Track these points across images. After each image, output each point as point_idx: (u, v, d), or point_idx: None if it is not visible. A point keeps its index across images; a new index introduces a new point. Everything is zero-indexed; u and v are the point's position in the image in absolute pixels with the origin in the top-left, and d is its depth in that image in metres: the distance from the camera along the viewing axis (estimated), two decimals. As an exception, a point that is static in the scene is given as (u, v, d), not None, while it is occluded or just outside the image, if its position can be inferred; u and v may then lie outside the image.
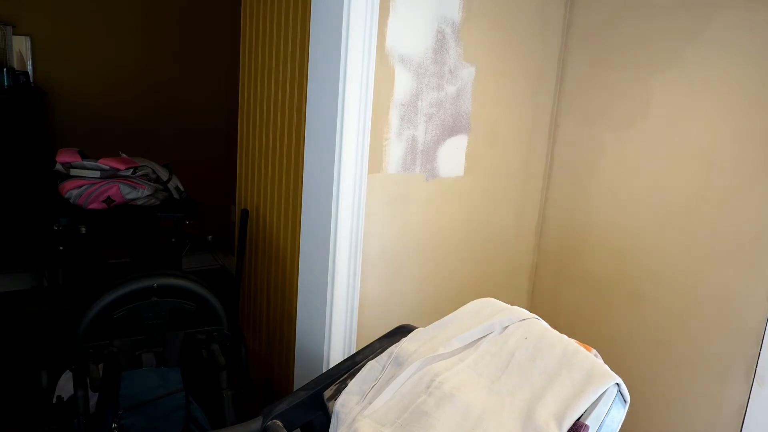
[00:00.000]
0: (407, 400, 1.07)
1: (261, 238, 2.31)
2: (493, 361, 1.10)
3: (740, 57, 1.62)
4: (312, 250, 1.78)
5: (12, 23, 3.19)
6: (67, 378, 1.84)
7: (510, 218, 2.12)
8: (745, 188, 1.63)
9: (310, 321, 1.82)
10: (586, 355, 1.04)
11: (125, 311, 1.67)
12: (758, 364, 1.61)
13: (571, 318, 2.06)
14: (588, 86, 2.02)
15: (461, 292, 2.03)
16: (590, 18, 2.00)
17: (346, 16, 1.54)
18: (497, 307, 1.22)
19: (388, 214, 1.80)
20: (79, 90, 3.45)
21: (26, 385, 2.43)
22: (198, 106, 3.79)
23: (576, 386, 0.98)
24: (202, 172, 3.57)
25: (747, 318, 1.63)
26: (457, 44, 1.79)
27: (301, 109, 1.90)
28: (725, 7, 1.64)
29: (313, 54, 1.69)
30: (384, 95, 1.68)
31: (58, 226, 2.32)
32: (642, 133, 1.86)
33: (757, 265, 1.61)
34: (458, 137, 1.88)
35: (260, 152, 2.28)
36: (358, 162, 1.65)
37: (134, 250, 2.62)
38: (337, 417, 1.15)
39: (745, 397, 1.64)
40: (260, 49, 2.22)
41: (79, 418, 1.59)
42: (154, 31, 3.61)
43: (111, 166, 2.44)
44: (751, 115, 1.61)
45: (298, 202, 1.93)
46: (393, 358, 1.18)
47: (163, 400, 1.54)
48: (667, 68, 1.78)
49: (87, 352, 1.62)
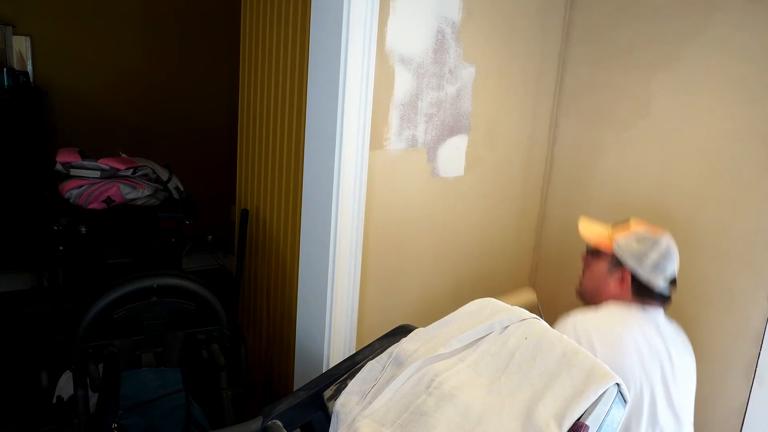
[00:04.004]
0: (407, 400, 1.07)
1: (261, 238, 2.31)
2: (493, 361, 1.09)
3: (740, 57, 1.62)
4: (312, 250, 1.78)
5: (12, 23, 3.19)
6: (67, 378, 1.84)
7: (510, 218, 2.12)
8: (745, 188, 1.63)
9: (310, 321, 1.82)
10: (586, 355, 1.04)
11: (125, 311, 1.67)
12: (758, 364, 1.61)
13: (571, 318, 2.05)
14: (588, 86, 2.02)
15: (461, 292, 2.03)
16: (590, 18, 2.00)
17: (346, 16, 1.54)
18: (497, 307, 1.22)
19: (389, 214, 1.80)
20: (79, 90, 3.45)
21: (26, 385, 2.43)
22: (198, 106, 3.79)
23: (576, 386, 0.98)
24: (202, 172, 3.57)
25: (747, 318, 1.63)
26: (457, 44, 1.79)
27: (301, 109, 1.90)
28: (725, 8, 1.64)
29: (313, 54, 1.69)
30: (384, 95, 1.68)
31: (58, 226, 2.32)
32: (642, 133, 1.86)
33: (757, 265, 1.61)
34: (458, 137, 1.88)
35: (260, 152, 2.28)
36: (358, 162, 1.65)
37: (134, 250, 2.62)
38: (337, 417, 1.15)
39: (745, 397, 1.64)
40: (260, 49, 2.22)
41: (79, 418, 1.59)
42: (154, 30, 3.61)
43: (111, 166, 2.44)
44: (751, 115, 1.61)
45: (298, 202, 1.93)
46: (393, 358, 1.18)
47: (163, 400, 1.54)
48: (667, 68, 1.78)
49: (87, 352, 1.62)
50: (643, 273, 1.45)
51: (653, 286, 1.44)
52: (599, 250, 1.55)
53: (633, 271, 1.46)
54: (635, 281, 1.46)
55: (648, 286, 1.44)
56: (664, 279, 1.45)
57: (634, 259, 1.46)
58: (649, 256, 1.45)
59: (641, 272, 1.45)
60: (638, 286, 1.46)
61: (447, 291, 2.01)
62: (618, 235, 1.52)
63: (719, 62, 1.66)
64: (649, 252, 1.45)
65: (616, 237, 1.51)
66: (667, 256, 1.45)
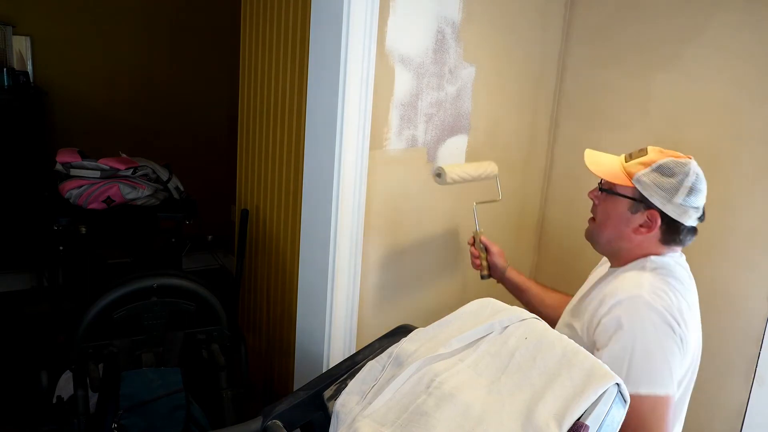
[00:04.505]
0: (407, 400, 1.07)
1: (261, 238, 2.31)
2: (493, 361, 1.09)
3: (740, 57, 1.62)
4: (312, 250, 1.78)
5: (12, 23, 3.19)
6: (67, 378, 1.84)
7: (510, 218, 2.12)
8: (745, 188, 1.63)
9: (310, 321, 1.82)
10: (586, 355, 1.04)
11: (125, 311, 1.68)
12: (758, 364, 1.62)
13: (571, 318, 2.05)
14: (588, 86, 2.02)
15: (461, 292, 2.03)
16: (590, 18, 2.00)
17: (346, 16, 1.54)
18: (497, 307, 1.22)
19: (389, 214, 1.80)
20: (79, 90, 3.45)
21: (26, 385, 2.43)
22: (198, 106, 3.79)
23: (576, 386, 0.98)
24: (202, 172, 3.57)
25: (747, 318, 1.63)
26: (457, 44, 1.79)
27: (301, 109, 1.90)
28: (725, 8, 1.64)
29: (313, 54, 1.69)
30: (384, 95, 1.68)
31: (58, 226, 2.32)
32: (642, 133, 1.86)
33: (757, 265, 1.61)
34: (458, 137, 1.88)
35: (260, 152, 2.28)
36: (358, 162, 1.65)
37: (134, 250, 2.62)
38: (337, 417, 1.15)
39: (745, 397, 1.64)
40: (260, 49, 2.22)
41: (79, 418, 1.59)
42: (155, 30, 3.61)
43: (111, 166, 2.44)
44: (751, 115, 1.61)
45: (298, 202, 1.93)
46: (393, 358, 1.18)
47: (163, 400, 1.54)
48: (667, 68, 1.78)
49: (87, 352, 1.62)
50: (673, 210, 1.25)
51: (684, 223, 1.26)
52: (614, 186, 1.32)
53: (661, 209, 1.25)
54: (665, 221, 1.26)
55: (679, 223, 1.26)
56: (697, 212, 1.26)
57: (662, 196, 1.25)
58: (679, 190, 1.24)
59: (671, 209, 1.25)
60: (667, 226, 1.27)
61: (447, 291, 2.01)
62: (636, 168, 1.28)
63: (719, 62, 1.66)
64: (677, 184, 1.24)
65: (635, 171, 1.28)
66: (697, 187, 1.25)
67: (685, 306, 1.23)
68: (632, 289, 1.22)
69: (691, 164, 1.27)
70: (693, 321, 1.25)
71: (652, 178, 1.26)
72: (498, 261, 1.70)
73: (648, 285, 1.22)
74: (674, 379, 1.18)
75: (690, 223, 1.27)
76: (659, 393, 1.15)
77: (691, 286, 1.30)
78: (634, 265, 1.30)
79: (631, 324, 1.18)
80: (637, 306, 1.19)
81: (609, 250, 1.37)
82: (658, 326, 1.17)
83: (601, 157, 1.37)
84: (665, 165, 1.26)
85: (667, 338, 1.17)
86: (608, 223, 1.34)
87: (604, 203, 1.35)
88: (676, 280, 1.25)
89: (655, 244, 1.30)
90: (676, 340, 1.18)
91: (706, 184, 1.28)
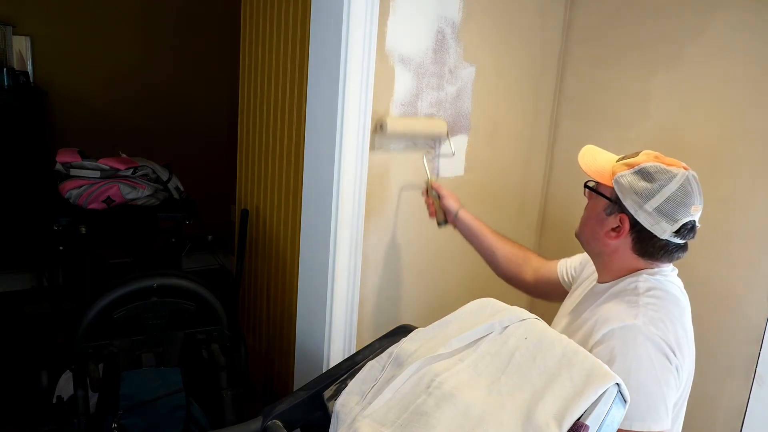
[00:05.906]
0: (407, 400, 1.07)
1: (261, 238, 2.31)
2: (493, 361, 1.09)
3: (740, 57, 1.62)
4: (312, 250, 1.78)
5: (12, 23, 3.19)
6: (67, 378, 1.84)
7: (510, 217, 2.12)
8: (745, 188, 1.63)
9: (310, 321, 1.82)
10: (586, 355, 1.04)
11: (125, 311, 1.68)
12: (758, 364, 1.61)
13: (571, 318, 2.05)
14: (588, 86, 2.02)
15: (461, 292, 2.03)
16: (590, 18, 2.00)
17: (346, 16, 1.54)
18: (497, 307, 1.22)
19: (389, 214, 1.80)
20: (79, 90, 3.45)
21: (26, 385, 2.43)
22: (198, 106, 3.79)
23: (576, 386, 0.98)
24: (202, 172, 3.57)
25: (747, 317, 1.63)
26: (457, 44, 1.79)
27: (301, 109, 1.90)
28: (725, 7, 1.64)
29: (313, 54, 1.69)
30: (384, 95, 1.68)
31: (58, 226, 2.32)
32: (642, 133, 1.86)
33: (757, 265, 1.61)
34: (458, 137, 1.88)
35: (260, 152, 2.28)
36: (358, 162, 1.65)
37: (134, 250, 2.62)
38: (337, 417, 1.15)
39: (745, 397, 1.64)
40: (260, 49, 2.22)
41: (79, 418, 1.59)
42: (154, 31, 3.61)
43: (111, 166, 2.44)
44: (751, 115, 1.61)
45: (298, 202, 1.93)
46: (393, 358, 1.18)
47: (163, 400, 1.54)
48: (667, 68, 1.78)
49: (87, 352, 1.62)
50: (645, 218, 1.16)
51: (658, 235, 1.16)
52: (598, 185, 1.26)
53: (632, 214, 1.17)
54: (635, 228, 1.18)
55: (650, 233, 1.17)
56: (671, 226, 1.15)
57: (634, 200, 1.16)
58: (653, 197, 1.15)
59: (643, 217, 1.16)
60: (638, 234, 1.19)
61: (447, 291, 2.01)
62: (620, 169, 1.21)
63: (719, 62, 1.66)
64: (653, 191, 1.15)
65: (618, 171, 1.21)
66: (677, 198, 1.14)
67: (682, 332, 1.16)
68: (626, 318, 1.14)
69: (679, 173, 1.16)
70: (688, 346, 1.18)
71: (629, 180, 1.18)
72: (450, 203, 1.68)
73: (643, 313, 1.14)
74: (669, 413, 1.12)
75: (664, 237, 1.16)
76: (653, 429, 1.09)
77: (686, 305, 1.22)
78: (626, 285, 1.22)
79: (624, 356, 1.10)
80: (633, 336, 1.11)
81: (591, 253, 1.32)
82: (654, 358, 1.10)
83: (598, 154, 1.31)
84: (647, 168, 1.18)
85: (663, 370, 1.11)
86: (588, 222, 1.29)
87: (589, 201, 1.31)
88: (671, 303, 1.18)
89: (630, 255, 1.22)
90: (672, 370, 1.12)
91: (696, 199, 1.16)
